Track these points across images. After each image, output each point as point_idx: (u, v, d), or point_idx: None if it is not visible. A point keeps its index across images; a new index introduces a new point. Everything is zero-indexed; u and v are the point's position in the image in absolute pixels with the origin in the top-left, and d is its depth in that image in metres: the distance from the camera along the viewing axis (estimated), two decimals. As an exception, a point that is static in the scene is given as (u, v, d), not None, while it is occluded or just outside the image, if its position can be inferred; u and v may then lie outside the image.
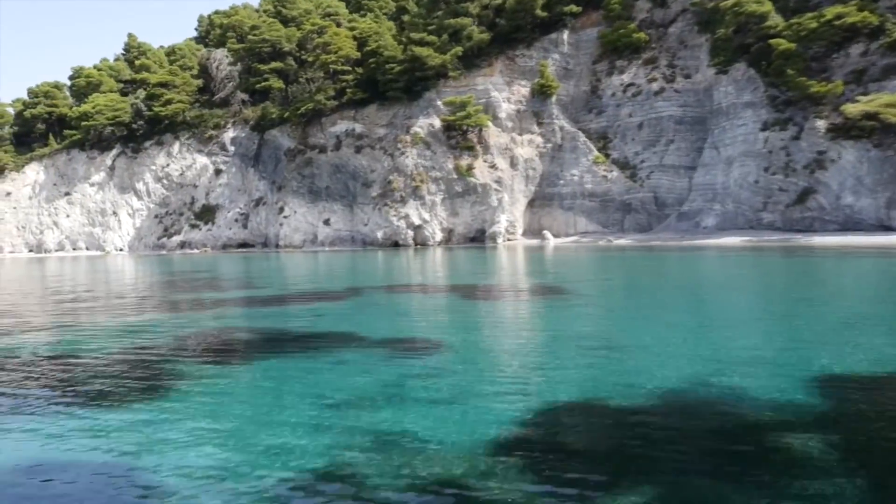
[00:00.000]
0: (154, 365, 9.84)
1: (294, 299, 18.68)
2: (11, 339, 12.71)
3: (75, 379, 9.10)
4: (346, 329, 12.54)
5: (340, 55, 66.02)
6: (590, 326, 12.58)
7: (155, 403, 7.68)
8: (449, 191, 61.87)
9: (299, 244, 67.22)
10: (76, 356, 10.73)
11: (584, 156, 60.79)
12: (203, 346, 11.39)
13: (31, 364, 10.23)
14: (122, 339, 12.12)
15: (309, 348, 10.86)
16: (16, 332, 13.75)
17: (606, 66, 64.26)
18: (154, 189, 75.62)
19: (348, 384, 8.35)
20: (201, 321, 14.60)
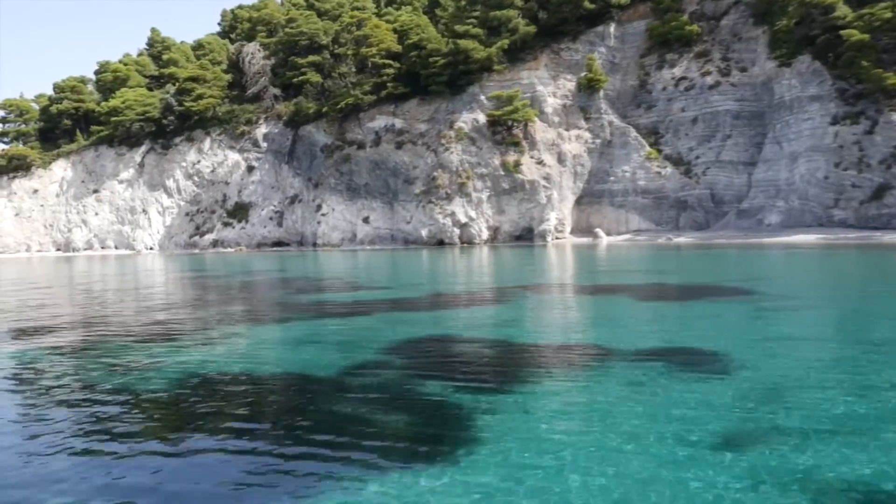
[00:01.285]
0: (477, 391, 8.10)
1: (452, 301, 16.92)
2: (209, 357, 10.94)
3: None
4: (598, 338, 10.81)
5: (381, 48, 64.13)
6: (863, 332, 10.86)
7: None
8: (495, 188, 60.11)
9: (337, 243, 65.47)
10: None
11: (636, 151, 59.04)
12: (470, 367, 9.56)
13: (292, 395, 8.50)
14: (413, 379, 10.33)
15: (593, 363, 9.11)
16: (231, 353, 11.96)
17: (655, 60, 62.51)
18: (185, 186, 73.84)
19: (703, 408, 6.62)
20: (392, 329, 12.88)
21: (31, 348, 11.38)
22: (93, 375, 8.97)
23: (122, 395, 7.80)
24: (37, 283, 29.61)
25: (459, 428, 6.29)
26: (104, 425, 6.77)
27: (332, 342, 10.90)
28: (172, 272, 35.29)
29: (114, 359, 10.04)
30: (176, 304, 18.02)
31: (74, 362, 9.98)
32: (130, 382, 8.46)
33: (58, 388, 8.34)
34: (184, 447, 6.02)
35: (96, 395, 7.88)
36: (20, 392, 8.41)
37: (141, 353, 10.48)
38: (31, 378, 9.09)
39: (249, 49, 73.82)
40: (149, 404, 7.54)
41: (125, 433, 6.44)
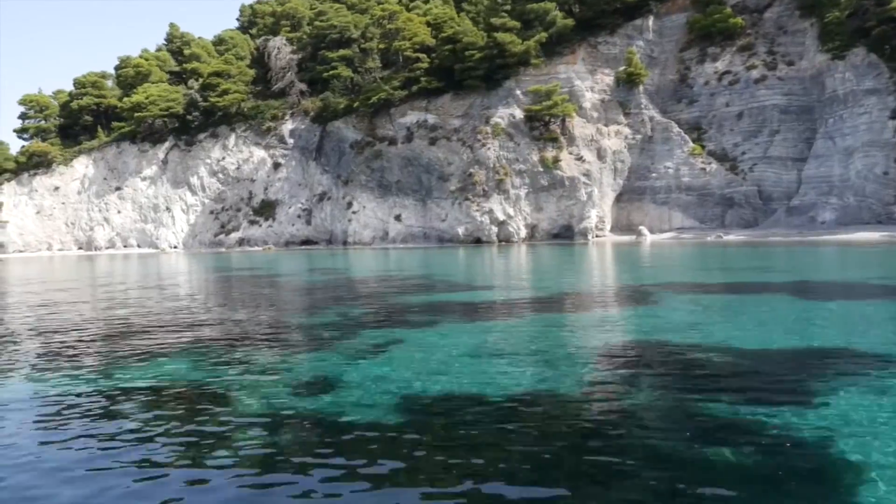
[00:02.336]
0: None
1: (596, 302, 15.40)
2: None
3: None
4: (832, 341, 9.31)
5: (415, 42, 62.62)
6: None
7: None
8: (533, 184, 58.63)
9: (369, 241, 63.95)
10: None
11: (679, 147, 57.58)
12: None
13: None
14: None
15: (866, 369, 7.60)
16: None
17: (696, 54, 61.09)
18: (209, 183, 72.30)
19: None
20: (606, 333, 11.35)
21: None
22: (240, 392, 7.50)
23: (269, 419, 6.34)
24: (69, 283, 28.09)
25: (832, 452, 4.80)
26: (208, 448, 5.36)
27: (525, 353, 9.35)
28: (220, 271, 33.69)
29: (256, 374, 8.56)
30: (288, 308, 16.50)
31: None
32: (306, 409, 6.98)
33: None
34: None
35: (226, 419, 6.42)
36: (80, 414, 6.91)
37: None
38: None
39: (275, 43, 72.29)
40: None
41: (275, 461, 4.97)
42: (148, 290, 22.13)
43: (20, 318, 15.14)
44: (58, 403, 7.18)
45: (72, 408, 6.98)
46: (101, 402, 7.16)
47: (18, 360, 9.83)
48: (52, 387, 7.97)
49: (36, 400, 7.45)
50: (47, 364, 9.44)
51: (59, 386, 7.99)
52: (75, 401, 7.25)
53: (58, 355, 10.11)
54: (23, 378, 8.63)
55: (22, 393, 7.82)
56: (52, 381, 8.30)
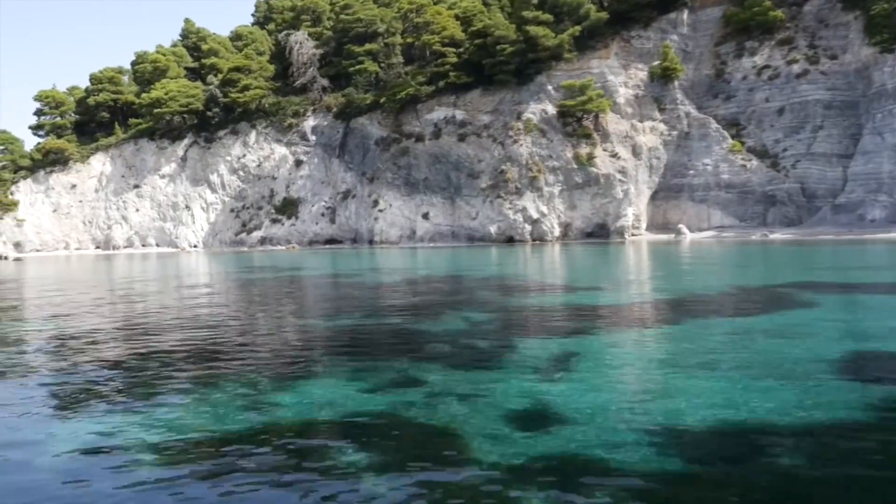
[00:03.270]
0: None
1: (765, 306, 13.94)
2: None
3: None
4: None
5: (444, 35, 61.09)
6: None
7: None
8: (567, 182, 57.11)
9: (396, 240, 62.42)
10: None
11: (717, 144, 56.06)
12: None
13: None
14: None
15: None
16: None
17: (733, 48, 59.56)
18: (229, 181, 70.77)
19: None
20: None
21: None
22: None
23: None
24: (93, 286, 26.57)
25: None
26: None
27: (735, 366, 7.85)
28: (259, 271, 32.09)
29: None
30: (393, 312, 14.96)
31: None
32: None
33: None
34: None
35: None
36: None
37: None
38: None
39: (297, 38, 70.73)
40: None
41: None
42: (206, 300, 20.60)
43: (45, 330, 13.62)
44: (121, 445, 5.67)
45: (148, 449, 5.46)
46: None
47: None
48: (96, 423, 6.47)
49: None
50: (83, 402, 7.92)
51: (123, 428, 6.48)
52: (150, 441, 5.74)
53: (95, 391, 8.59)
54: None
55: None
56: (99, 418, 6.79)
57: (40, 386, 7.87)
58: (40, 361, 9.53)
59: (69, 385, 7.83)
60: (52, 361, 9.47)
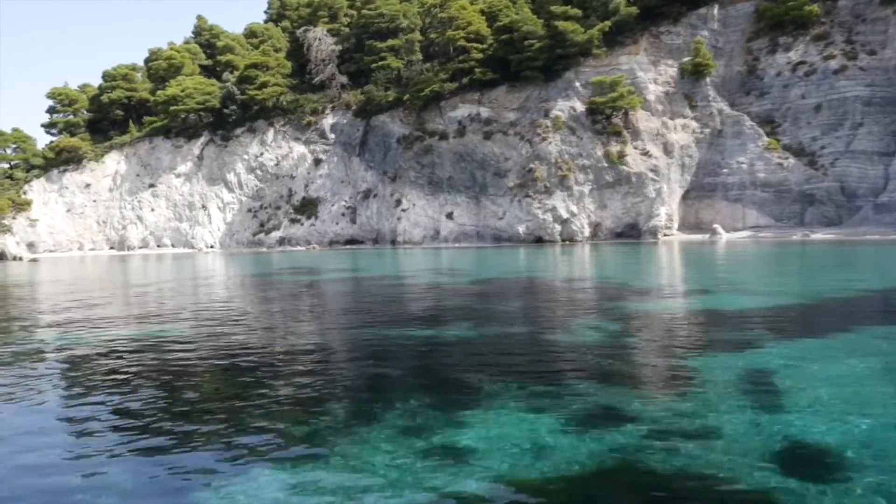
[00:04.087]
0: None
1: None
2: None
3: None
4: None
5: (469, 31, 59.66)
6: None
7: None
8: (598, 180, 55.71)
9: (419, 240, 60.99)
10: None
11: (752, 142, 54.64)
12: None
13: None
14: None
15: None
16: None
17: (766, 44, 58.12)
18: (246, 180, 69.32)
19: None
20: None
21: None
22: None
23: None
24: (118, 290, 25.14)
25: None
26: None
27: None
28: (300, 272, 30.66)
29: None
30: (500, 322, 13.50)
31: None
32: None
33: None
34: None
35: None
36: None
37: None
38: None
39: (316, 34, 69.27)
40: None
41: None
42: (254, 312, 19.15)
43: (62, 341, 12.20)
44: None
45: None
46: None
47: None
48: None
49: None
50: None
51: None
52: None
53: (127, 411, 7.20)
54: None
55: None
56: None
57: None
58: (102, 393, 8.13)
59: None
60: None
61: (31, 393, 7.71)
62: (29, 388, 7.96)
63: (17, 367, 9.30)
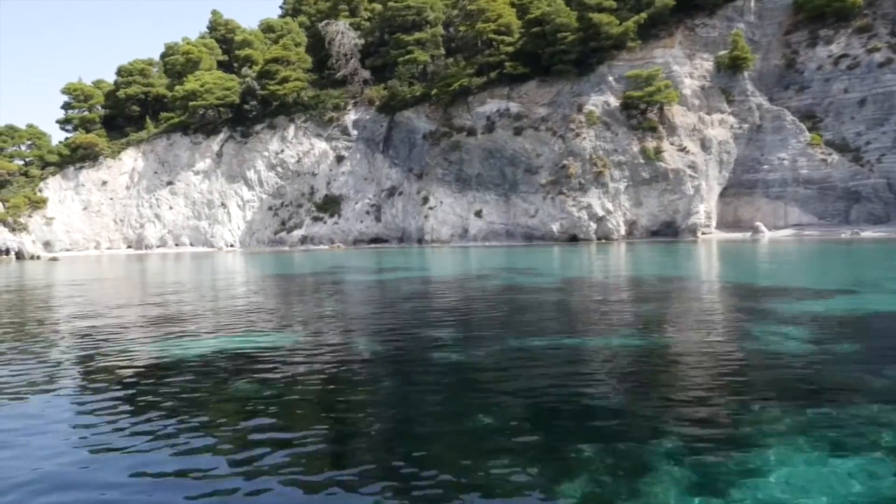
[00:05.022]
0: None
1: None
2: None
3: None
4: None
5: (500, 24, 58.05)
6: None
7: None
8: (634, 177, 54.11)
9: (447, 239, 59.41)
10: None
11: (794, 137, 53.03)
12: None
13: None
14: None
15: None
16: None
17: (806, 37, 56.50)
18: (267, 178, 67.72)
19: None
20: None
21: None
22: None
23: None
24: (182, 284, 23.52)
25: None
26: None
27: None
28: (354, 272, 28.99)
29: None
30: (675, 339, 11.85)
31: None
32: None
33: None
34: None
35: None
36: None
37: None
38: None
39: (338, 28, 67.65)
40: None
41: None
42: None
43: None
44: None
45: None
46: None
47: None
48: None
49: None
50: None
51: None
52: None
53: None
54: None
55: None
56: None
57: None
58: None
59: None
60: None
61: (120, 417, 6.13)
62: (112, 406, 6.39)
63: (96, 382, 7.72)
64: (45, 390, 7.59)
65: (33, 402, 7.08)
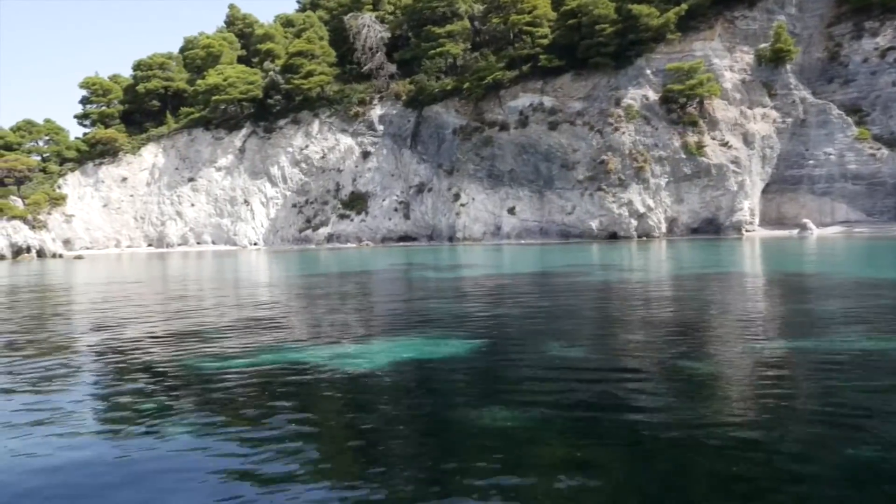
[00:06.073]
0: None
1: None
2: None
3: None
4: None
5: (535, 15, 56.51)
6: None
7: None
8: (675, 173, 52.62)
9: (479, 236, 57.87)
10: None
11: (840, 132, 51.56)
12: None
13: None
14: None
15: None
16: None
17: (850, 29, 55.02)
18: (291, 174, 66.14)
19: None
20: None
21: None
22: None
23: None
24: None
25: None
26: None
27: None
28: (412, 270, 27.46)
29: None
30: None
31: None
32: None
33: None
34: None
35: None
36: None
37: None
38: None
39: (364, 21, 66.04)
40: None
41: None
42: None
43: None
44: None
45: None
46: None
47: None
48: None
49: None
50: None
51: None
52: None
53: None
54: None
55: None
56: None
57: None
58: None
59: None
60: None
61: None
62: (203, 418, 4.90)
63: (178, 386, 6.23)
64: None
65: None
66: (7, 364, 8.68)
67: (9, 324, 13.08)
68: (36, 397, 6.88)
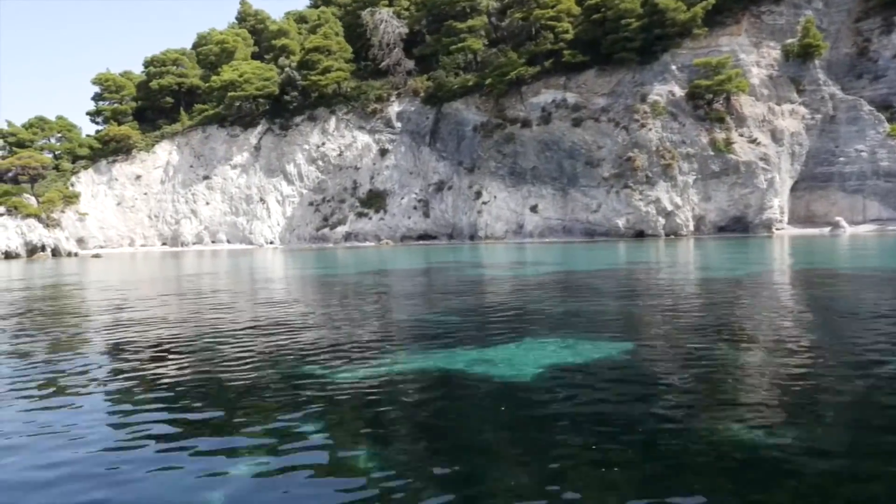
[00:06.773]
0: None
1: None
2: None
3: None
4: None
5: (559, 9, 55.59)
6: None
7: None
8: (702, 170, 51.77)
9: (501, 235, 57.00)
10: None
11: (872, 128, 50.73)
12: None
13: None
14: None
15: None
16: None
17: (879, 24, 54.17)
18: (307, 172, 65.22)
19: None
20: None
21: None
22: None
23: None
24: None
25: None
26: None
27: None
28: (468, 268, 26.51)
29: None
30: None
31: None
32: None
33: None
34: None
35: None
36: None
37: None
38: None
39: (382, 16, 65.09)
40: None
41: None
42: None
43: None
44: None
45: None
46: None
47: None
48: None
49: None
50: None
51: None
52: None
53: None
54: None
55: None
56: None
57: None
58: None
59: None
60: None
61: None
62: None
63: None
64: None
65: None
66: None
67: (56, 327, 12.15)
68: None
